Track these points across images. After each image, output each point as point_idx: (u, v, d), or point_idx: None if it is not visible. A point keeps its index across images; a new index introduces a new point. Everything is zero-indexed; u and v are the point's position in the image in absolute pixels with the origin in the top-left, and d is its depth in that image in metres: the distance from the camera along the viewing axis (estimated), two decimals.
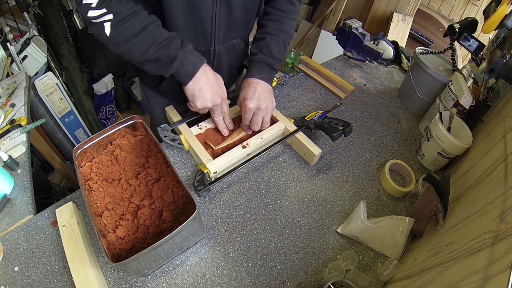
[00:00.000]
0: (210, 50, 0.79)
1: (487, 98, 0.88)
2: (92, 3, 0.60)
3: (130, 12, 0.63)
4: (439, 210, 0.69)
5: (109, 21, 0.61)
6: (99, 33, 0.63)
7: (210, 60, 0.82)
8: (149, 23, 0.66)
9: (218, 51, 0.80)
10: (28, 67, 1.57)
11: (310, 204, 0.77)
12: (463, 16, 2.31)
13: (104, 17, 0.61)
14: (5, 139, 0.82)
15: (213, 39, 0.76)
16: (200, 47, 0.77)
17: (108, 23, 0.62)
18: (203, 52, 0.79)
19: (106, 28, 0.62)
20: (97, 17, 0.61)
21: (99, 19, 0.61)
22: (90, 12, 0.60)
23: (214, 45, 0.78)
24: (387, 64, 1.32)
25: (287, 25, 0.82)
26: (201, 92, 0.72)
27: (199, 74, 0.70)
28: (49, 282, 0.60)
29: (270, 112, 0.79)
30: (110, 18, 0.61)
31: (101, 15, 0.61)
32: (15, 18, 1.84)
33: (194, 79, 0.70)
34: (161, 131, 0.81)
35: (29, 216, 0.69)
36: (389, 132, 1.00)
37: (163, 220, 0.63)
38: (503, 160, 0.57)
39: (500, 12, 0.75)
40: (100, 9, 0.60)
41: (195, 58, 0.70)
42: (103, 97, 2.05)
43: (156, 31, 0.66)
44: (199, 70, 0.70)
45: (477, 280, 0.39)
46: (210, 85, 0.72)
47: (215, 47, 0.78)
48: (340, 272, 0.65)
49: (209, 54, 0.80)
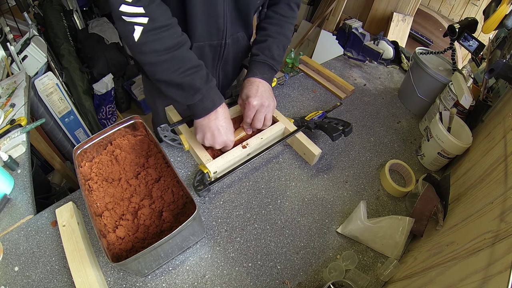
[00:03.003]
0: (222, 43, 0.79)
1: (487, 98, 0.88)
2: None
3: (167, 23, 0.59)
4: (439, 210, 0.69)
5: (142, 25, 0.55)
6: (126, 35, 0.57)
7: (220, 53, 0.82)
8: (183, 43, 0.63)
9: (228, 44, 0.81)
10: (28, 67, 1.57)
11: (310, 204, 0.77)
12: (463, 16, 2.31)
13: (137, 18, 0.55)
14: (5, 139, 0.82)
15: (225, 33, 0.77)
16: (213, 41, 0.78)
17: (140, 27, 0.56)
18: (215, 46, 0.79)
19: (136, 31, 0.56)
20: (130, 15, 0.54)
21: (131, 18, 0.55)
22: (124, 7, 0.54)
23: (225, 38, 0.78)
24: (387, 64, 1.32)
25: (287, 29, 0.85)
26: (205, 130, 0.71)
27: (213, 114, 0.70)
28: (49, 282, 0.60)
29: (272, 110, 0.80)
30: (144, 22, 0.55)
31: (135, 14, 0.55)
32: (15, 18, 1.84)
33: (207, 117, 0.70)
34: (161, 131, 0.80)
35: (29, 216, 0.69)
36: (389, 132, 1.00)
37: (163, 220, 0.63)
38: (503, 160, 0.57)
39: (500, 12, 0.75)
40: (136, 7, 0.54)
41: (215, 96, 0.70)
42: (103, 97, 2.05)
43: (188, 54, 0.65)
44: (215, 110, 0.70)
45: (477, 280, 0.39)
46: (217, 128, 0.71)
47: (226, 40, 0.79)
48: (340, 272, 0.65)
49: (220, 48, 0.80)
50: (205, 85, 0.67)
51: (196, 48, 0.77)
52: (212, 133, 0.72)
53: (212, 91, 0.69)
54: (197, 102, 0.68)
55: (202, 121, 0.71)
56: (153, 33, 0.58)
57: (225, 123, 0.73)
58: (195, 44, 0.76)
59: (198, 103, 0.68)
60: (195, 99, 0.67)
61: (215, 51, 0.81)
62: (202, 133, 0.72)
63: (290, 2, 0.84)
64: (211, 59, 0.83)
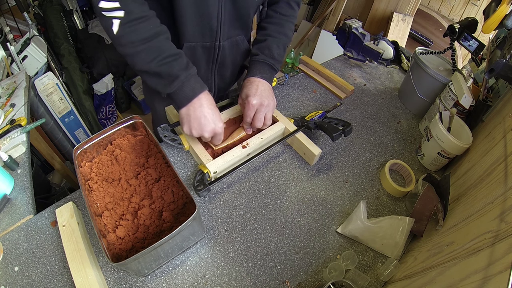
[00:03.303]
0: (215, 45, 0.79)
1: (487, 98, 0.88)
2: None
3: (142, 15, 0.61)
4: (439, 210, 0.69)
5: (119, 18, 0.59)
6: (107, 29, 0.60)
7: (214, 56, 0.82)
8: (159, 33, 0.64)
9: (223, 46, 0.80)
10: (28, 67, 1.57)
11: (310, 204, 0.77)
12: (463, 16, 2.31)
13: (115, 12, 0.58)
14: (5, 139, 0.82)
15: (219, 34, 0.76)
16: (206, 42, 0.77)
17: (117, 21, 0.59)
18: (209, 47, 0.79)
19: (114, 25, 0.59)
20: (108, 9, 0.58)
21: (109, 12, 0.58)
22: (102, 3, 0.57)
23: (219, 40, 0.78)
24: (387, 64, 1.32)
25: (287, 28, 0.84)
26: (190, 119, 0.69)
27: (196, 101, 0.68)
28: (49, 282, 0.60)
29: (272, 109, 0.80)
30: (120, 16, 0.58)
31: (112, 9, 0.58)
32: (15, 18, 1.84)
33: (190, 105, 0.68)
34: (161, 131, 0.80)
35: (29, 216, 0.69)
36: (389, 132, 1.00)
37: (163, 220, 0.63)
38: (503, 160, 0.57)
39: (500, 12, 0.75)
40: (113, 2, 0.58)
41: (196, 84, 0.68)
42: (103, 97, 2.05)
43: (165, 44, 0.65)
44: (197, 97, 0.68)
45: (477, 280, 0.39)
46: (203, 115, 0.69)
47: (220, 43, 0.79)
48: (340, 272, 0.65)
49: (214, 49, 0.80)
50: (184, 71, 0.66)
51: (188, 49, 0.77)
52: (198, 122, 0.69)
53: (193, 79, 0.68)
54: (177, 91, 0.66)
55: (186, 111, 0.69)
56: (129, 25, 0.60)
57: (211, 109, 0.70)
58: (186, 44, 0.76)
59: (178, 92, 0.66)
60: (174, 86, 0.65)
61: (209, 53, 0.80)
62: (188, 123, 0.70)
63: (290, 1, 0.84)
64: (205, 61, 0.83)
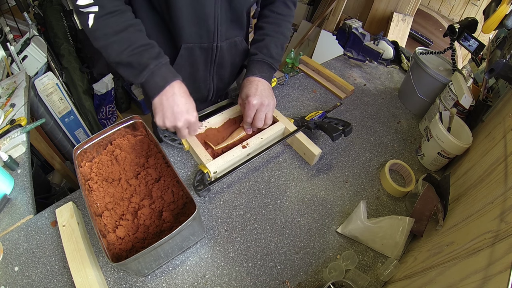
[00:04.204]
0: (213, 46, 0.79)
1: (487, 98, 0.88)
2: None
3: (115, 9, 0.63)
4: (439, 210, 0.69)
5: (93, 13, 0.62)
6: (84, 24, 0.63)
7: (212, 57, 0.82)
8: (131, 25, 0.65)
9: (221, 47, 0.80)
10: (28, 67, 1.57)
11: (310, 204, 0.77)
12: (463, 16, 2.31)
13: (90, 8, 0.61)
14: (5, 139, 0.82)
15: (216, 36, 0.76)
16: (203, 43, 0.77)
17: (92, 15, 0.62)
18: (206, 49, 0.79)
19: (89, 19, 0.62)
20: (84, 6, 0.61)
21: (85, 8, 0.61)
22: (79, 1, 0.61)
23: (217, 41, 0.78)
24: (387, 64, 1.32)
25: (284, 27, 0.85)
26: (163, 109, 0.67)
27: (168, 89, 0.67)
28: (49, 282, 0.60)
29: (272, 108, 0.80)
30: (95, 10, 0.62)
31: (88, 5, 0.61)
32: (15, 18, 1.84)
33: (162, 94, 0.67)
34: (161, 131, 0.81)
35: (29, 216, 0.69)
36: (389, 132, 1.00)
37: (163, 220, 0.63)
38: (503, 160, 0.57)
39: (500, 12, 0.75)
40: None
41: (168, 73, 0.67)
42: (103, 97, 2.05)
43: (136, 35, 0.66)
44: (169, 85, 0.66)
45: (477, 280, 0.39)
46: (176, 104, 0.67)
47: (218, 44, 0.79)
48: (340, 272, 0.65)
49: (211, 50, 0.80)
50: (154, 60, 0.65)
51: (185, 50, 0.77)
52: (171, 110, 0.67)
53: (164, 68, 0.67)
54: (148, 79, 0.66)
55: (158, 100, 0.67)
56: (103, 19, 0.63)
57: (184, 98, 0.68)
58: (183, 45, 0.76)
59: (149, 80, 0.66)
60: (144, 75, 0.65)
61: (207, 53, 0.80)
62: (161, 112, 0.67)
63: (287, 1, 0.85)
64: (203, 61, 0.83)
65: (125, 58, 0.65)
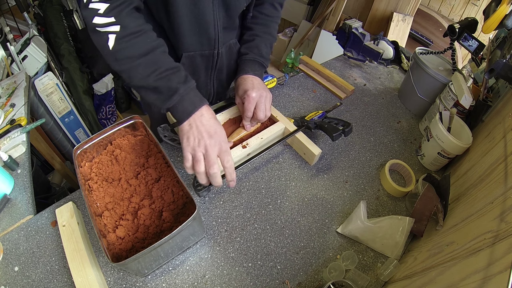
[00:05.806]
0: (214, 53, 0.80)
1: (487, 98, 0.88)
2: (100, 8, 0.55)
3: (139, 29, 0.60)
4: (439, 210, 0.69)
5: (114, 33, 0.57)
6: (102, 44, 0.59)
7: (213, 63, 0.83)
8: (157, 47, 0.62)
9: (221, 53, 0.81)
10: (28, 67, 1.58)
11: (310, 204, 0.77)
12: (463, 16, 2.31)
13: (110, 28, 0.57)
14: (5, 139, 0.82)
15: (217, 42, 0.77)
16: (204, 50, 0.78)
17: (113, 35, 0.57)
18: (207, 56, 0.80)
19: (110, 40, 0.57)
20: (103, 25, 0.56)
21: (104, 28, 0.57)
22: (96, 19, 0.56)
23: (218, 48, 0.79)
24: (387, 64, 1.32)
25: (272, 28, 0.87)
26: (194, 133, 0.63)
27: (196, 115, 0.64)
28: (49, 282, 0.60)
29: (270, 100, 0.80)
30: (116, 30, 0.57)
31: (107, 24, 0.56)
32: (15, 18, 1.85)
33: (191, 119, 0.64)
34: (161, 131, 0.80)
35: (29, 216, 0.69)
36: (389, 132, 1.00)
37: (163, 220, 0.63)
38: (503, 160, 0.57)
39: (500, 12, 0.75)
40: (108, 17, 0.56)
41: (195, 98, 0.65)
42: (103, 97, 2.05)
43: (162, 58, 0.63)
44: (197, 111, 0.64)
45: (477, 280, 0.39)
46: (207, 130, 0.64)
47: (219, 50, 0.79)
48: (340, 272, 0.65)
49: (212, 57, 0.81)
50: (183, 85, 0.63)
51: (187, 58, 0.77)
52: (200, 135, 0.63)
53: (192, 93, 0.65)
54: (176, 105, 0.63)
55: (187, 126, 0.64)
56: (126, 40, 0.58)
57: (215, 124, 0.66)
58: (184, 54, 0.76)
59: (177, 106, 0.64)
60: (174, 100, 0.63)
61: (208, 60, 0.81)
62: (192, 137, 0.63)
63: (274, 2, 0.86)
64: (204, 68, 0.83)
65: (151, 82, 0.61)
